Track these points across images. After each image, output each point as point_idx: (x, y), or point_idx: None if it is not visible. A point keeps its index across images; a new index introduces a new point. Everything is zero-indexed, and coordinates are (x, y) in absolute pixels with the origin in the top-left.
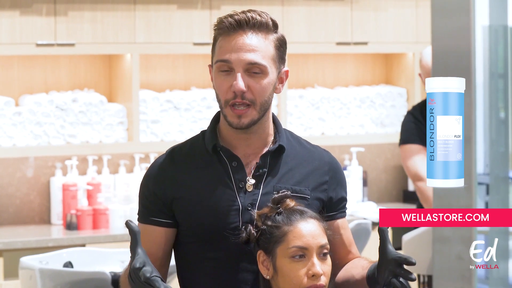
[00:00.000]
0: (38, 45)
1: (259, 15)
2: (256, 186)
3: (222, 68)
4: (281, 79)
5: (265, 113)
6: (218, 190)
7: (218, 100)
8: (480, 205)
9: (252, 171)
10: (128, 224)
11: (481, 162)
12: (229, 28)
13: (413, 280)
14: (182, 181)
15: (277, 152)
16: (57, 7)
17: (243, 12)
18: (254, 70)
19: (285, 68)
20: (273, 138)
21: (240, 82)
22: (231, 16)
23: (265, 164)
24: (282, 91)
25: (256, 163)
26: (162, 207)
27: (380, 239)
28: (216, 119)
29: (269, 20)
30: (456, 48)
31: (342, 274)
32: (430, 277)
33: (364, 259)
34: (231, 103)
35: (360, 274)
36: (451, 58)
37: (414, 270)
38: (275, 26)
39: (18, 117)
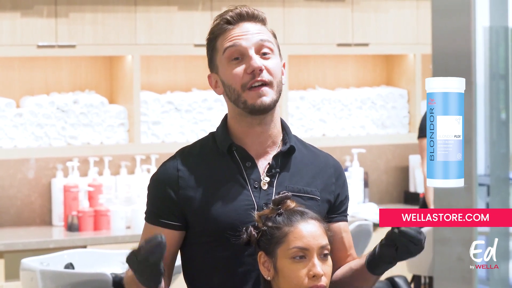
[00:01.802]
0: (39, 46)
1: (255, 9)
2: (269, 185)
3: (232, 55)
4: (281, 71)
5: (279, 96)
6: (234, 189)
7: (232, 92)
8: (481, 205)
9: (265, 171)
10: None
11: (482, 163)
12: (230, 21)
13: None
14: (196, 182)
15: (288, 153)
16: (58, 9)
17: (240, 6)
18: (264, 49)
19: (283, 61)
20: (281, 139)
21: (258, 60)
22: (231, 10)
23: (277, 164)
24: (283, 91)
25: (269, 163)
26: (174, 209)
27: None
28: (225, 121)
29: (264, 16)
30: (457, 49)
31: (340, 271)
32: (431, 278)
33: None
34: (249, 85)
35: (359, 264)
36: (451, 59)
37: (415, 271)
38: (267, 22)
39: (19, 119)
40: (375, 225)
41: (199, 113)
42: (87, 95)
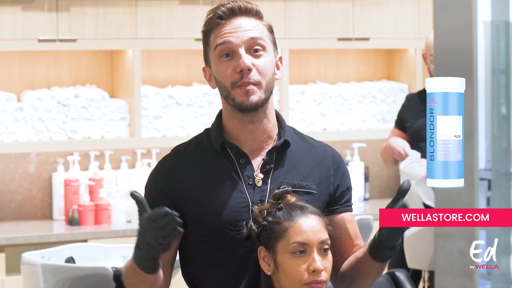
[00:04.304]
0: (40, 40)
1: (248, 3)
2: (264, 182)
3: (223, 52)
4: (277, 65)
5: (270, 96)
6: (228, 187)
7: (222, 89)
8: (482, 200)
9: (259, 167)
10: (133, 195)
11: (483, 157)
12: (222, 17)
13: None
14: (191, 179)
15: (283, 148)
16: (59, 3)
17: (233, 0)
18: (255, 46)
19: (279, 55)
20: (277, 133)
21: (246, 59)
22: (222, 5)
23: (271, 160)
24: (284, 87)
25: (263, 159)
26: (171, 207)
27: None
28: (219, 117)
29: (258, 9)
30: (458, 44)
31: (347, 262)
32: (431, 273)
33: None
34: (238, 84)
35: (362, 251)
36: (453, 54)
37: (416, 266)
38: (262, 15)
39: (20, 113)
40: (376, 220)
41: (200, 107)
42: (88, 89)
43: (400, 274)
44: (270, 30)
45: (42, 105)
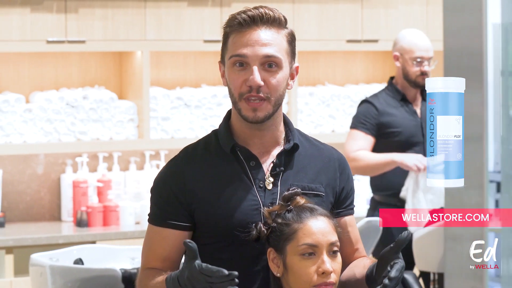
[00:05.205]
0: (48, 42)
1: (271, 11)
2: (274, 184)
3: (236, 62)
4: (292, 75)
5: (278, 108)
6: (239, 190)
7: (231, 95)
8: (491, 203)
9: (269, 170)
10: (186, 244)
11: (492, 160)
12: (242, 24)
13: (404, 240)
14: (202, 182)
15: (291, 151)
16: (68, 4)
17: (255, 8)
18: (269, 63)
19: (296, 64)
20: (284, 136)
21: (257, 76)
22: (244, 12)
23: (281, 163)
24: (293, 88)
25: (273, 162)
26: (181, 209)
27: (393, 246)
28: (227, 118)
29: (281, 16)
30: (468, 46)
31: (346, 272)
32: (440, 275)
33: (368, 258)
34: (245, 96)
35: (361, 273)
36: (462, 56)
37: (424, 268)
38: (285, 21)
39: (29, 114)
40: None
41: (209, 109)
42: (96, 90)
43: (409, 276)
44: (290, 40)
45: (51, 107)
